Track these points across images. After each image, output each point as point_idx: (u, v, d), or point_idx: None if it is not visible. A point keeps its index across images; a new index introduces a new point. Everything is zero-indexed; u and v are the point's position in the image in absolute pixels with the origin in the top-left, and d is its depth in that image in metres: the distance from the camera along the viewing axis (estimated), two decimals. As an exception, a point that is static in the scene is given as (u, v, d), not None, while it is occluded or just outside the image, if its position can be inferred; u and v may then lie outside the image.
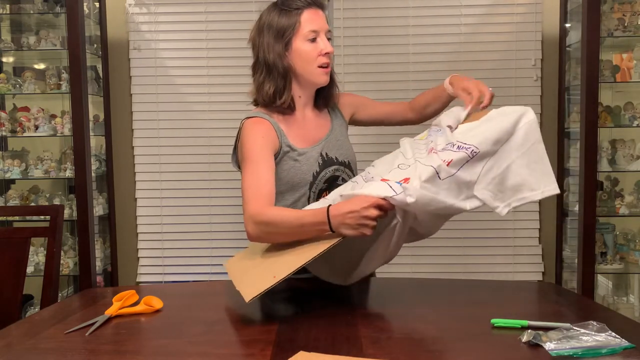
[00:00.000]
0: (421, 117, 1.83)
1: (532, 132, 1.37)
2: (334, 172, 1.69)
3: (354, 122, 1.86)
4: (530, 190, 1.34)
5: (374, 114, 1.85)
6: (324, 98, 1.74)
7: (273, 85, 1.64)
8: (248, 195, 1.53)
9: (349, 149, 1.76)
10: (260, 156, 1.59)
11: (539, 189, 1.34)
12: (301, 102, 1.71)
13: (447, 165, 1.32)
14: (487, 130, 1.38)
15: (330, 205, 1.39)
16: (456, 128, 1.49)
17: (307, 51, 1.62)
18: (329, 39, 1.65)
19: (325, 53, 1.62)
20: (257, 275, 1.40)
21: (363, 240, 1.41)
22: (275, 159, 1.63)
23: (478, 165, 1.35)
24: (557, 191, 1.34)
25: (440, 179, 1.32)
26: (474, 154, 1.33)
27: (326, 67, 1.64)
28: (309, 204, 1.65)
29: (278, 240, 1.49)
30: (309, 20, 1.62)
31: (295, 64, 1.64)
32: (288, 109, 1.67)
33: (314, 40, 1.62)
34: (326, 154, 1.69)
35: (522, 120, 1.37)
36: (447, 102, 1.74)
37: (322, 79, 1.66)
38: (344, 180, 1.69)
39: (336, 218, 1.35)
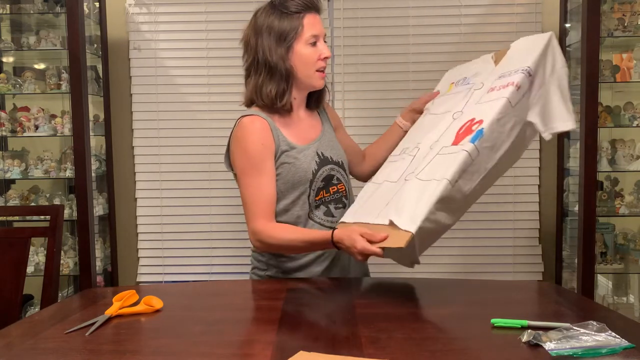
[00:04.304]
0: (373, 163, 1.85)
1: (558, 55, 1.52)
2: (329, 171, 1.70)
3: None
4: (562, 121, 1.48)
5: (340, 140, 1.83)
6: (317, 100, 1.77)
7: (275, 88, 1.65)
8: (249, 208, 1.61)
9: (341, 150, 1.78)
10: (259, 165, 1.61)
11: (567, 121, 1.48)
12: (295, 103, 1.72)
13: (517, 89, 1.44)
14: (525, 53, 1.54)
15: (334, 229, 1.52)
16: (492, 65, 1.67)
17: (307, 55, 1.64)
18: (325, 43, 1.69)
19: (324, 57, 1.65)
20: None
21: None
22: (274, 159, 1.64)
23: (532, 94, 1.48)
24: (573, 126, 1.49)
25: (512, 106, 1.44)
26: (528, 71, 1.47)
27: (323, 72, 1.68)
28: (309, 201, 1.66)
29: (283, 252, 1.65)
30: (311, 24, 1.64)
31: (296, 67, 1.65)
32: (285, 110, 1.69)
33: (314, 44, 1.64)
34: (322, 152, 1.70)
35: (552, 41, 1.52)
36: (402, 136, 1.81)
37: (319, 83, 1.69)
38: (339, 180, 1.71)
39: (338, 244, 1.50)
